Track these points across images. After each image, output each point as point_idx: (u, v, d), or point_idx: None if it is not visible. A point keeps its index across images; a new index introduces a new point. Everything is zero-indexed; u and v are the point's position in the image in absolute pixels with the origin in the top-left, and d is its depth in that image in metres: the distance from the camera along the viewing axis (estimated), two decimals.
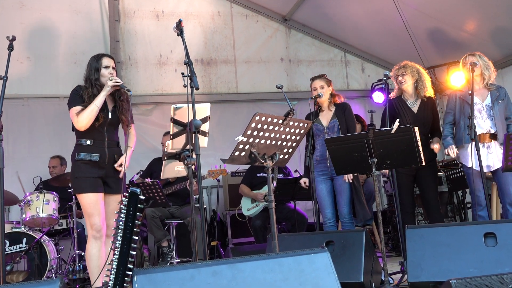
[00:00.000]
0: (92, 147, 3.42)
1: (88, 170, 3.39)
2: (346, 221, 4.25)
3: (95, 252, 3.35)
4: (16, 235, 4.61)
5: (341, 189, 4.25)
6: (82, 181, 3.37)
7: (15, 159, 5.77)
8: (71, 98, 3.46)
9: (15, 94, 5.83)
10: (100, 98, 3.38)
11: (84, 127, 3.36)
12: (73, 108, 3.40)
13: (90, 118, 3.35)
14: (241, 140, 2.95)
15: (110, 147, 3.49)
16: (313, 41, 7.22)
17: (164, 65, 6.61)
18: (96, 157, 3.40)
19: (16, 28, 5.94)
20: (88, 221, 3.36)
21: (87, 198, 3.35)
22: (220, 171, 5.06)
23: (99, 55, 3.58)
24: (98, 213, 3.35)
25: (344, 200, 4.24)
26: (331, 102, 4.44)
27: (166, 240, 4.97)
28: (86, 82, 3.50)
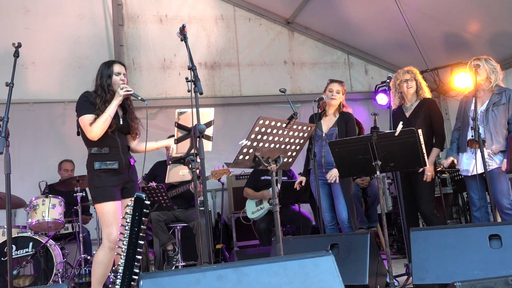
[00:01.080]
0: (109, 155, 3.36)
1: (108, 179, 3.33)
2: (345, 228, 4.23)
3: (106, 262, 3.29)
4: (23, 240, 4.64)
5: (337, 193, 4.25)
6: (103, 190, 3.30)
7: (20, 164, 5.80)
8: (81, 105, 3.37)
9: (20, 99, 5.87)
10: (112, 107, 3.31)
11: (98, 137, 3.30)
12: (85, 117, 3.32)
13: (103, 128, 3.29)
14: (245, 144, 2.97)
15: (124, 152, 3.45)
16: (316, 43, 7.23)
17: (168, 69, 6.64)
18: (116, 165, 3.34)
19: (21, 33, 5.99)
20: (105, 231, 3.29)
21: (108, 207, 3.28)
22: (223, 171, 5.05)
23: (110, 62, 3.53)
24: (117, 222, 3.27)
25: (341, 205, 4.23)
26: (337, 110, 4.43)
27: (171, 244, 4.98)
28: (98, 89, 3.42)
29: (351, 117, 4.41)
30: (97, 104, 3.34)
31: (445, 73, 6.84)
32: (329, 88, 4.39)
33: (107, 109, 3.30)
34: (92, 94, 3.41)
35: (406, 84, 4.27)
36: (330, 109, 4.43)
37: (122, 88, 3.34)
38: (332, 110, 4.42)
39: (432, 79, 6.93)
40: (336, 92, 4.36)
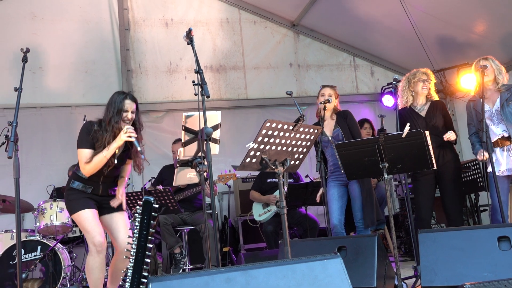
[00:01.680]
0: (87, 180, 3.40)
1: (81, 194, 3.39)
2: (359, 226, 4.24)
3: (97, 266, 3.34)
4: (31, 243, 4.67)
5: (355, 194, 4.24)
6: (75, 202, 3.38)
7: (28, 168, 5.83)
8: (81, 137, 3.36)
9: (28, 103, 5.90)
10: (111, 149, 3.29)
11: (88, 175, 3.34)
12: (82, 151, 3.32)
13: (96, 169, 3.32)
14: (252, 146, 2.97)
15: (105, 182, 3.47)
16: (322, 45, 7.23)
17: (174, 72, 6.66)
18: (89, 190, 3.40)
19: (29, 38, 6.04)
20: (88, 237, 3.33)
21: (83, 214, 3.33)
22: (230, 176, 5.07)
23: (124, 96, 3.43)
24: (97, 227, 3.31)
25: (357, 205, 4.23)
26: (333, 113, 4.44)
27: (178, 247, 4.99)
28: (103, 122, 3.37)
29: (348, 113, 4.42)
30: (98, 140, 3.31)
31: (451, 74, 6.82)
32: (321, 93, 4.41)
33: (104, 151, 3.28)
34: (95, 127, 3.36)
35: (422, 84, 4.24)
36: (326, 113, 4.43)
37: (126, 132, 3.27)
38: (329, 113, 4.42)
39: (439, 80, 6.91)
40: (328, 96, 4.37)
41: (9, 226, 5.29)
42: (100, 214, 3.46)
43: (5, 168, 5.40)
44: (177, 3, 6.75)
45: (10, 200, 4.81)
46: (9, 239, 4.77)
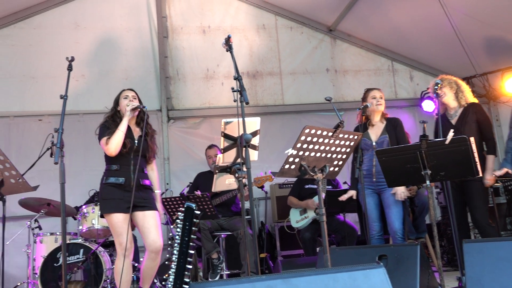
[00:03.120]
0: (119, 172, 3.64)
1: (114, 193, 3.60)
2: (397, 238, 4.13)
3: (124, 269, 3.53)
4: (74, 246, 4.79)
5: (389, 202, 4.14)
6: (109, 202, 3.59)
7: (71, 173, 5.94)
8: (100, 131, 3.73)
9: (71, 110, 6.07)
10: (123, 123, 3.62)
11: (114, 151, 3.59)
12: (102, 139, 3.65)
13: (117, 143, 3.57)
14: (291, 153, 2.95)
15: (135, 171, 3.65)
16: (359, 50, 7.14)
17: (211, 78, 6.73)
18: (122, 180, 3.61)
19: (72, 47, 6.23)
20: (116, 240, 3.56)
21: (114, 218, 3.55)
22: (266, 178, 5.04)
23: (121, 90, 3.91)
24: (125, 231, 3.52)
25: (394, 215, 4.13)
26: (382, 116, 4.36)
27: (216, 252, 5.01)
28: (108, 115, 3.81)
29: (399, 122, 4.33)
30: (110, 127, 3.68)
31: (495, 78, 6.60)
32: (372, 95, 4.33)
33: (119, 126, 3.63)
34: (108, 120, 3.78)
35: (439, 94, 4.14)
36: (375, 117, 4.35)
37: (128, 105, 3.65)
38: (378, 117, 4.34)
39: (481, 85, 6.71)
40: (379, 98, 4.30)
41: (53, 229, 5.45)
42: (133, 211, 3.62)
43: (50, 172, 5.58)
44: (214, 10, 6.83)
45: (55, 204, 4.96)
46: (53, 241, 4.92)
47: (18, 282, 5.12)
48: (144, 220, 3.61)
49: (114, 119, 3.74)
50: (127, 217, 3.56)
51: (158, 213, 3.74)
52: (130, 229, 3.55)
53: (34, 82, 6.24)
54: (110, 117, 3.79)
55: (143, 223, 3.62)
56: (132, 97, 3.78)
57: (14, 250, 5.49)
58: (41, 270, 4.66)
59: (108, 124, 3.73)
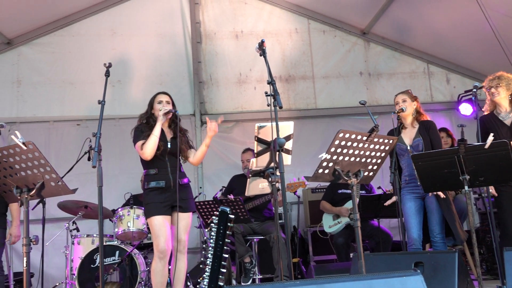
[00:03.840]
0: (158, 175, 3.75)
1: (156, 197, 3.72)
2: (437, 241, 4.02)
3: (159, 271, 3.65)
4: (110, 248, 4.89)
5: (433, 207, 4.04)
6: (152, 206, 3.71)
7: (107, 176, 6.05)
8: (134, 136, 3.85)
9: (108, 115, 6.22)
10: (156, 128, 3.71)
11: (149, 155, 3.70)
12: (137, 144, 3.78)
13: (152, 147, 3.68)
14: (325, 157, 2.93)
15: (173, 173, 3.76)
16: (393, 53, 7.04)
17: (243, 83, 6.77)
18: (162, 183, 3.72)
19: (109, 53, 6.39)
20: (154, 242, 3.69)
21: (155, 221, 3.66)
22: (299, 184, 5.02)
23: (156, 93, 3.99)
24: (164, 235, 3.64)
25: (436, 220, 4.03)
26: (415, 118, 4.26)
27: (248, 256, 5.02)
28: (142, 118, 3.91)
29: (432, 124, 4.23)
30: (144, 131, 3.79)
31: None
32: (395, 102, 4.29)
33: (153, 131, 3.72)
34: (142, 124, 3.89)
35: (491, 91, 4.02)
36: (406, 121, 4.28)
37: (161, 110, 3.75)
38: (409, 120, 4.26)
39: None
40: (402, 101, 4.22)
41: (90, 231, 5.59)
42: (172, 211, 3.76)
43: (87, 176, 5.73)
44: (247, 15, 6.87)
45: (92, 206, 5.08)
46: (90, 243, 5.04)
47: (57, 282, 5.27)
48: (179, 220, 3.71)
49: (148, 122, 3.84)
50: (167, 219, 3.70)
51: (191, 215, 3.85)
52: (169, 232, 3.66)
53: (73, 88, 6.43)
54: (145, 120, 3.89)
55: (178, 224, 3.72)
56: (166, 102, 3.87)
57: (53, 251, 5.66)
58: (79, 271, 4.78)
59: (142, 127, 3.83)
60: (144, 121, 3.88)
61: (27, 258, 2.90)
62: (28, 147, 2.80)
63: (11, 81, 6.34)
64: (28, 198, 2.94)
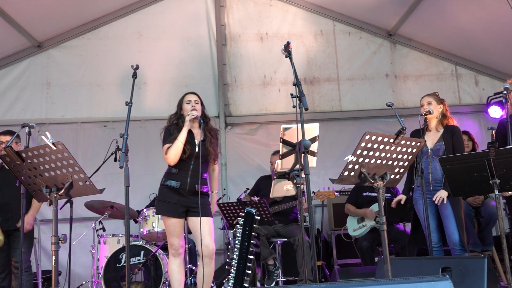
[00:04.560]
0: (177, 176, 3.74)
1: (170, 195, 3.73)
2: (457, 250, 3.94)
3: (175, 268, 3.70)
4: (135, 248, 4.95)
5: (447, 213, 3.96)
6: (164, 204, 3.74)
7: (133, 177, 6.13)
8: (164, 136, 3.84)
9: (134, 116, 6.30)
10: (182, 134, 3.70)
11: (173, 161, 3.71)
12: (164, 146, 3.78)
13: (176, 154, 3.68)
14: (351, 160, 2.90)
15: (193, 177, 3.73)
16: (420, 55, 6.92)
17: (268, 85, 6.76)
18: (177, 184, 3.71)
19: (135, 56, 6.48)
20: (168, 241, 3.72)
21: (168, 221, 3.71)
22: (328, 193, 4.98)
23: (185, 93, 3.96)
24: (177, 234, 3.68)
25: (452, 225, 3.95)
26: (440, 122, 4.20)
27: (272, 258, 5.00)
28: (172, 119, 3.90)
29: (457, 130, 4.15)
30: (172, 133, 3.77)
31: None
32: (420, 104, 4.25)
33: (179, 136, 3.69)
34: (172, 125, 3.86)
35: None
36: (431, 124, 4.22)
37: (189, 115, 3.71)
38: (434, 124, 4.19)
39: None
40: (427, 104, 4.16)
41: (116, 230, 5.67)
42: (188, 215, 3.76)
43: (113, 176, 5.83)
44: (272, 17, 6.87)
45: (118, 206, 5.16)
46: (115, 243, 5.11)
47: (83, 280, 5.36)
48: (197, 226, 3.66)
49: (178, 123, 3.82)
50: (180, 221, 3.71)
51: (212, 219, 3.80)
52: (182, 231, 3.71)
53: (100, 90, 6.54)
54: (175, 120, 3.87)
55: (197, 229, 3.67)
56: (195, 102, 3.84)
57: (80, 250, 5.76)
58: (104, 270, 4.86)
59: (171, 129, 3.82)
60: (175, 122, 3.85)
61: (56, 256, 2.95)
62: (57, 148, 2.85)
63: (41, 83, 6.50)
64: (57, 198, 3.00)
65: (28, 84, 6.48)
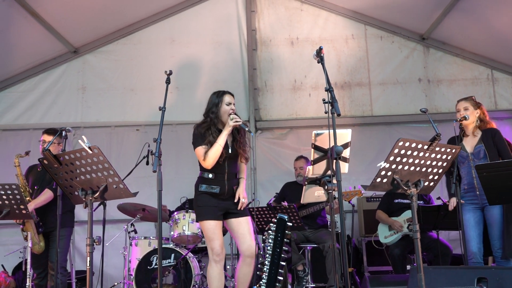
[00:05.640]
0: (213, 180, 3.64)
1: (209, 200, 3.63)
2: (498, 256, 3.84)
3: (216, 275, 3.56)
4: (166, 251, 5.01)
5: (494, 220, 3.85)
6: (203, 209, 3.63)
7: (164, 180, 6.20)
8: (194, 138, 3.71)
9: (165, 120, 6.22)
10: (222, 137, 3.58)
11: (210, 166, 3.60)
12: (199, 149, 3.64)
13: (215, 158, 3.57)
14: (384, 166, 2.87)
15: (229, 179, 3.68)
16: (455, 59, 6.77)
17: (298, 90, 6.75)
18: (216, 189, 3.63)
19: (168, 61, 6.58)
20: (208, 246, 3.60)
21: (208, 225, 3.58)
22: (355, 193, 4.94)
23: (221, 92, 3.80)
24: (218, 238, 3.56)
25: (496, 232, 3.84)
26: (477, 127, 4.10)
27: (301, 264, 4.98)
28: (206, 118, 3.72)
29: (497, 132, 4.05)
30: (206, 135, 3.61)
31: None
32: (457, 109, 4.16)
33: (218, 139, 3.58)
34: (201, 125, 3.72)
35: None
36: (468, 129, 4.12)
37: (232, 119, 3.58)
38: (470, 129, 4.09)
39: None
40: (463, 109, 4.07)
41: (147, 233, 5.76)
42: (226, 218, 3.69)
43: (145, 179, 5.91)
44: (303, 22, 6.85)
45: (149, 209, 5.24)
46: (147, 245, 5.18)
47: (115, 281, 5.46)
48: (239, 227, 3.65)
49: (211, 126, 3.67)
50: (219, 224, 3.62)
51: (251, 219, 3.76)
52: (222, 234, 3.62)
53: (133, 94, 6.66)
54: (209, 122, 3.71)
55: (238, 229, 3.65)
56: (233, 105, 3.75)
57: (112, 252, 5.86)
58: (136, 272, 4.94)
59: (202, 129, 3.69)
60: (209, 120, 3.70)
61: (90, 257, 3.02)
62: (93, 151, 2.92)
63: (77, 87, 6.67)
64: (92, 200, 3.07)
65: (64, 89, 6.66)
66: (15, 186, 3.32)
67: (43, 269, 4.43)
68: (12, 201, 3.33)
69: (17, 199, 3.33)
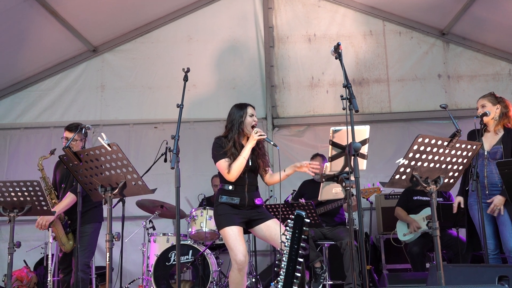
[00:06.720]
0: (234, 192, 3.57)
1: (229, 209, 3.55)
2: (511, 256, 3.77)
3: (238, 282, 3.47)
4: (183, 247, 5.05)
5: (504, 218, 3.79)
6: (223, 217, 3.53)
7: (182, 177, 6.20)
8: (216, 151, 3.63)
9: (183, 118, 6.25)
10: (247, 150, 3.54)
11: (235, 178, 3.54)
12: (221, 162, 3.57)
13: (239, 170, 3.51)
14: (403, 163, 2.84)
15: (250, 191, 3.61)
16: (475, 54, 6.66)
17: (315, 86, 6.72)
18: (236, 200, 3.55)
19: (185, 59, 6.62)
20: (231, 254, 3.46)
21: (229, 231, 3.46)
22: (374, 190, 4.89)
23: (243, 105, 3.72)
24: (240, 244, 3.43)
25: (508, 232, 3.77)
26: (499, 124, 4.02)
27: (319, 261, 4.96)
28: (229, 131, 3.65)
29: None
30: (228, 148, 3.56)
31: None
32: (476, 106, 4.09)
33: (242, 152, 3.53)
34: (222, 139, 3.66)
35: None
36: (489, 125, 4.05)
37: (256, 132, 3.53)
38: (492, 126, 4.02)
39: None
40: (481, 107, 4.00)
41: (165, 229, 5.81)
42: (253, 226, 3.61)
43: (163, 176, 5.95)
44: (320, 18, 6.82)
45: (167, 206, 5.28)
46: (165, 241, 5.23)
47: (134, 277, 5.53)
48: (270, 230, 3.55)
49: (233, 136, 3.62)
50: (241, 230, 3.53)
51: (277, 220, 3.65)
52: (244, 241, 3.52)
53: (151, 92, 6.72)
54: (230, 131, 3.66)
55: (269, 232, 3.55)
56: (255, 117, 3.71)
57: (131, 248, 5.94)
58: (154, 268, 4.98)
59: (223, 143, 3.63)
60: (232, 133, 3.63)
61: (110, 253, 3.06)
62: (112, 148, 2.96)
63: (96, 86, 6.76)
64: (111, 197, 3.11)
65: (84, 87, 6.75)
66: (36, 183, 3.37)
67: (67, 264, 4.47)
68: (33, 198, 3.38)
69: (38, 196, 3.38)
